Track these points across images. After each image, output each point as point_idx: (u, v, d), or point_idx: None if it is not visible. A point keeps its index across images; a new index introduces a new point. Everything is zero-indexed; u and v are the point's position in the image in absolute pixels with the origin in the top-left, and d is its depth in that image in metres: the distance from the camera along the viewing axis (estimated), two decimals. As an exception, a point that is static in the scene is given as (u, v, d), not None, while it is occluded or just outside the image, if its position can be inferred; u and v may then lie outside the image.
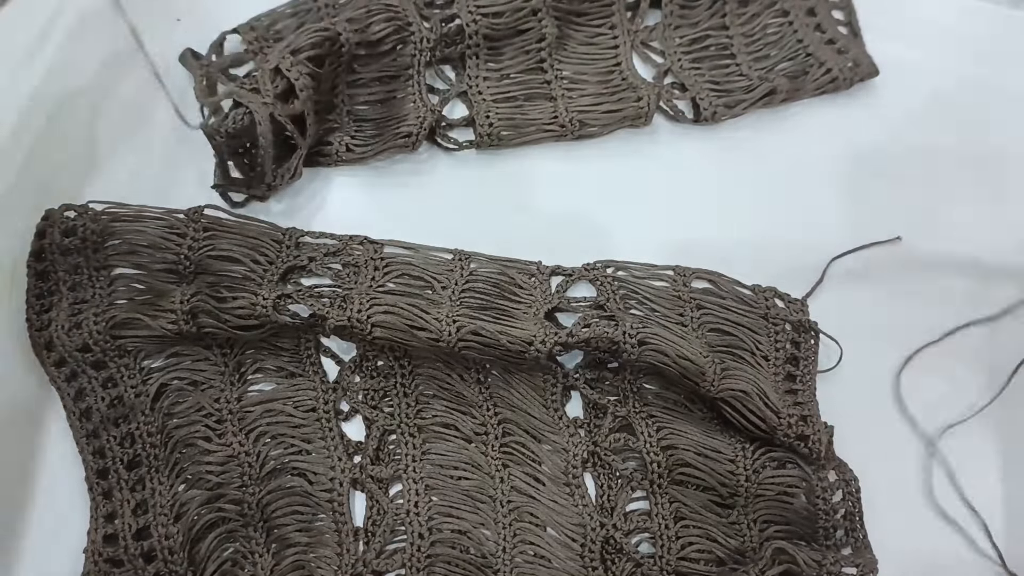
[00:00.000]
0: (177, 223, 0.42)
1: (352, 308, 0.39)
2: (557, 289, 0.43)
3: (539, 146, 0.47)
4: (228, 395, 0.41)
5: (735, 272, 0.44)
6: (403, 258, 0.43)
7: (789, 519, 0.39)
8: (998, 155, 0.49)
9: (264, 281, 0.41)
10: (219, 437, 0.40)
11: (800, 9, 0.50)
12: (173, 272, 0.42)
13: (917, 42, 0.51)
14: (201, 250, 0.41)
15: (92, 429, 0.40)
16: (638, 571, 0.39)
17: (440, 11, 0.47)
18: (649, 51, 0.50)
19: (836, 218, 0.47)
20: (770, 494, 0.40)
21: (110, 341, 0.40)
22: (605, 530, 0.39)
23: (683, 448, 0.40)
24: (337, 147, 0.45)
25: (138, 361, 0.41)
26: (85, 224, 0.41)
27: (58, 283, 0.41)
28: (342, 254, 0.43)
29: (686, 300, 0.42)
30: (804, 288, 0.44)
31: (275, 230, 0.43)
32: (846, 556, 0.38)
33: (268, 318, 0.39)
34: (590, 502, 0.40)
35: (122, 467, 0.40)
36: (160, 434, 0.40)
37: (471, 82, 0.47)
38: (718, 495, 0.40)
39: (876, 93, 0.50)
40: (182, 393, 0.41)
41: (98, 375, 0.40)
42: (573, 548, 0.39)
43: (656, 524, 0.40)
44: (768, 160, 0.48)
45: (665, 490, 0.40)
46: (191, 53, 0.46)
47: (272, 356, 0.42)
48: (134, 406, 0.40)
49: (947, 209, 0.47)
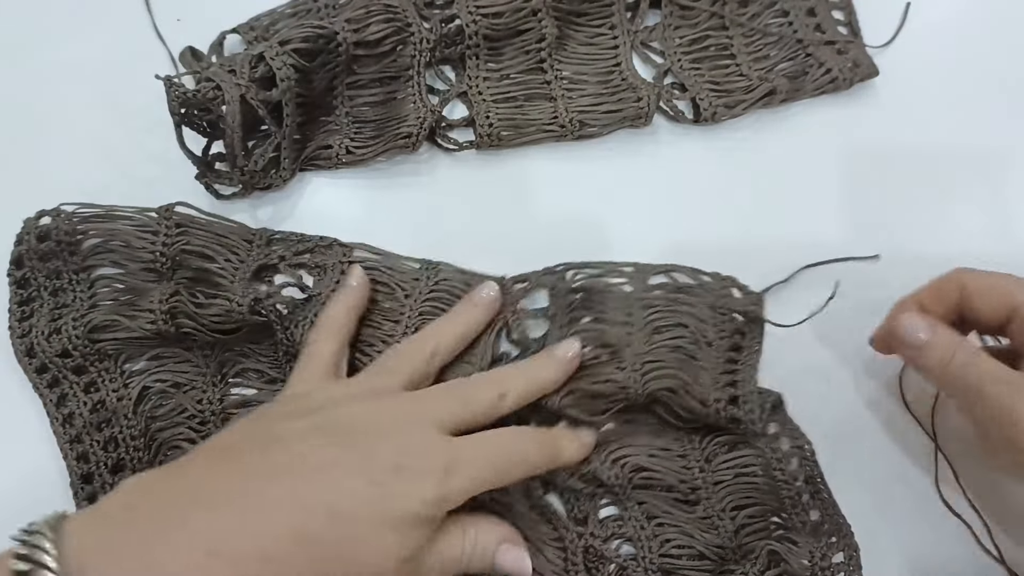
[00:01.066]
0: (149, 221, 0.42)
1: (297, 338, 0.39)
2: (512, 300, 0.42)
3: (539, 146, 0.47)
4: (210, 396, 0.41)
5: (734, 271, 0.44)
6: (371, 262, 0.43)
7: (755, 499, 0.39)
8: (998, 155, 0.49)
9: (236, 280, 0.41)
10: (202, 439, 0.40)
11: (800, 9, 0.50)
12: (151, 270, 0.42)
13: (917, 42, 0.51)
14: (175, 245, 0.41)
15: (75, 434, 0.40)
16: (623, 574, 0.39)
17: (440, 11, 0.47)
18: (649, 51, 0.50)
19: (836, 218, 0.47)
20: (728, 478, 0.40)
21: (89, 345, 0.40)
22: (584, 540, 0.39)
23: (634, 455, 0.40)
24: (337, 149, 0.45)
25: (119, 364, 0.41)
26: (58, 226, 0.41)
27: (39, 289, 0.41)
28: (311, 255, 0.43)
29: (636, 299, 0.41)
30: (804, 288, 0.44)
31: (245, 230, 0.43)
32: (832, 543, 0.38)
33: (245, 321, 0.39)
34: (563, 516, 0.40)
35: (106, 471, 0.39)
36: (143, 437, 0.40)
37: (471, 82, 0.47)
38: (680, 492, 0.40)
39: (876, 93, 0.50)
40: (164, 395, 0.41)
41: (79, 380, 0.40)
42: (556, 564, 0.39)
43: (631, 528, 0.39)
44: (768, 160, 0.48)
45: (630, 496, 0.40)
46: (191, 52, 0.47)
47: (252, 359, 0.42)
48: (116, 410, 0.40)
49: (948, 209, 0.47)
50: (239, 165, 0.42)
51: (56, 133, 0.46)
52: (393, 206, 0.46)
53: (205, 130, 0.43)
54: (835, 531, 0.38)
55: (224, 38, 0.47)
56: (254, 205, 0.45)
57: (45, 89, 0.47)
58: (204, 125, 0.42)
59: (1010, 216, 0.47)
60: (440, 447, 0.33)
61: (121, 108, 0.47)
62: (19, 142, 0.46)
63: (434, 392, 0.37)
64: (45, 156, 0.46)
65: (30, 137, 0.46)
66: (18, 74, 0.48)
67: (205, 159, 0.43)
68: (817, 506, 0.39)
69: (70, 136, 0.46)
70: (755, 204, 0.47)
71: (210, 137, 0.43)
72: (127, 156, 0.46)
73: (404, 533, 0.31)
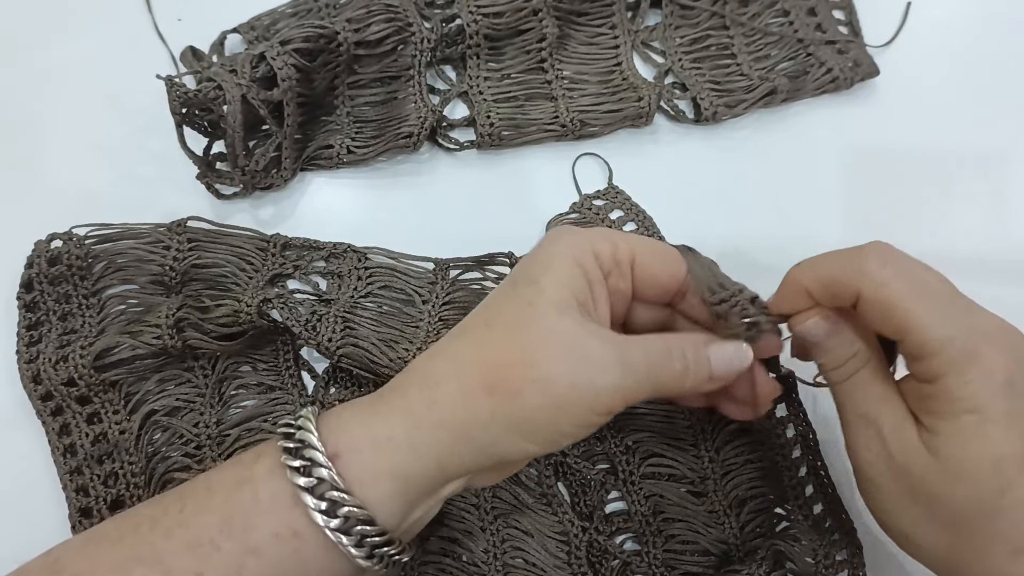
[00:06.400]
0: (161, 236, 0.42)
1: (323, 334, 0.39)
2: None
3: (540, 146, 0.47)
4: (207, 419, 0.40)
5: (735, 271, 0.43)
6: (387, 269, 0.43)
7: (761, 490, 0.40)
8: (998, 155, 0.49)
9: (250, 288, 0.41)
10: (198, 464, 0.40)
11: (801, 9, 0.50)
12: (160, 283, 0.41)
13: (917, 42, 0.51)
14: (186, 260, 0.41)
15: (75, 466, 0.39)
16: (627, 569, 0.39)
17: (440, 11, 0.47)
18: (650, 51, 0.50)
19: (837, 217, 0.47)
20: (737, 464, 0.40)
21: (95, 375, 0.39)
22: (588, 535, 0.39)
23: (647, 439, 0.40)
24: (338, 149, 0.45)
25: (122, 395, 0.40)
26: (69, 251, 0.41)
27: (48, 313, 0.41)
28: (326, 262, 0.42)
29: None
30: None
31: (259, 237, 0.43)
32: (835, 541, 0.38)
33: (253, 324, 0.39)
34: (568, 509, 0.40)
35: (105, 507, 0.39)
36: (144, 474, 0.39)
37: (472, 82, 0.47)
38: (690, 483, 0.40)
39: (876, 93, 0.50)
40: (164, 423, 0.40)
41: (82, 410, 0.40)
42: (560, 556, 0.39)
43: (636, 522, 0.40)
44: (769, 159, 0.48)
45: (639, 486, 0.40)
46: (192, 52, 0.47)
47: (252, 371, 0.42)
48: (118, 443, 0.39)
49: (948, 209, 0.47)
50: (240, 165, 0.42)
51: (56, 133, 0.46)
52: (394, 206, 0.46)
53: (206, 130, 0.43)
54: (838, 527, 0.38)
55: (225, 38, 0.47)
56: (255, 205, 0.45)
57: (45, 89, 0.47)
58: (205, 125, 0.42)
59: (1010, 216, 0.47)
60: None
61: (121, 108, 0.47)
62: (19, 142, 0.46)
63: None
64: (45, 156, 0.46)
65: (30, 137, 0.46)
66: (18, 74, 0.48)
67: (206, 159, 0.43)
68: (820, 500, 0.39)
69: (70, 136, 0.46)
70: (755, 204, 0.47)
71: (211, 137, 0.43)
72: (127, 156, 0.46)
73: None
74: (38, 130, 0.46)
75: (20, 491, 0.40)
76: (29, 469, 0.40)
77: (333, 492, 0.28)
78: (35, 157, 0.46)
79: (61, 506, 0.39)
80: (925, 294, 0.30)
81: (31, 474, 0.40)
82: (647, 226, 0.44)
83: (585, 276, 0.31)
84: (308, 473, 0.29)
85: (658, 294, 0.34)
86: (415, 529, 0.32)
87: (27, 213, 0.43)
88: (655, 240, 0.34)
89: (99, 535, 0.30)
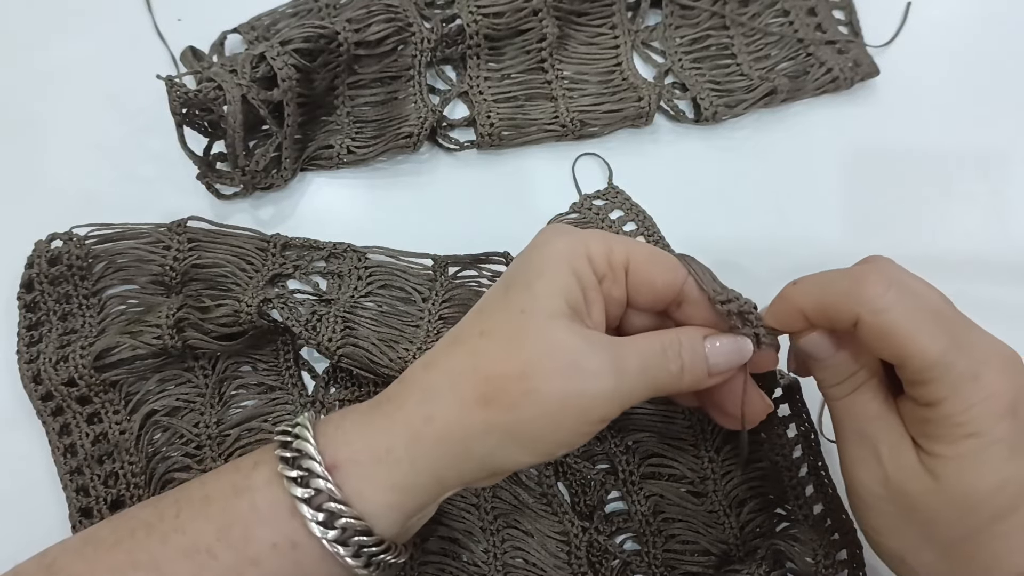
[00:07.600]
0: (161, 236, 0.42)
1: (323, 334, 0.39)
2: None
3: (540, 146, 0.47)
4: (208, 419, 0.40)
5: (735, 271, 0.43)
6: (386, 268, 0.43)
7: (761, 489, 0.39)
8: (998, 155, 0.49)
9: (250, 288, 0.41)
10: (198, 464, 0.40)
11: (801, 9, 0.50)
12: (160, 283, 0.41)
13: (917, 42, 0.51)
14: (186, 260, 0.41)
15: (76, 466, 0.39)
16: (627, 569, 0.39)
17: (441, 11, 0.47)
18: (650, 51, 0.50)
19: (837, 217, 0.47)
20: (737, 463, 0.40)
21: (95, 375, 0.39)
22: (588, 535, 0.39)
23: (647, 439, 0.40)
24: (338, 149, 0.45)
25: (123, 395, 0.40)
26: (69, 251, 0.41)
27: (48, 313, 0.41)
28: (326, 262, 0.42)
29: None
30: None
31: (259, 237, 0.43)
32: (835, 541, 0.37)
33: (253, 324, 0.39)
34: (568, 509, 0.40)
35: (106, 507, 0.39)
36: (144, 474, 0.39)
37: (472, 82, 0.47)
38: (690, 483, 0.40)
39: (876, 93, 0.50)
40: (164, 423, 0.40)
41: (83, 410, 0.40)
42: (560, 556, 0.39)
43: (636, 522, 0.39)
44: (769, 159, 0.48)
45: (639, 486, 0.40)
46: (192, 52, 0.47)
47: (253, 371, 0.42)
48: (118, 443, 0.39)
49: (948, 209, 0.47)
50: (240, 165, 0.42)
51: (56, 133, 0.46)
52: (394, 206, 0.46)
53: (206, 130, 0.43)
54: (838, 527, 0.38)
55: (225, 38, 0.47)
56: (255, 205, 0.45)
57: (45, 89, 0.47)
58: (205, 125, 0.42)
59: (1010, 216, 0.47)
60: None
61: (121, 108, 0.47)
62: (19, 142, 0.46)
63: None
64: (45, 156, 0.46)
65: (30, 137, 0.46)
66: (18, 74, 0.48)
67: (206, 159, 0.43)
68: (821, 499, 0.39)
69: (70, 136, 0.46)
70: (755, 204, 0.47)
71: (211, 137, 0.43)
72: (127, 156, 0.46)
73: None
74: (38, 130, 0.46)
75: (20, 491, 0.39)
76: (29, 469, 0.40)
77: (331, 503, 0.28)
78: (35, 157, 0.46)
79: (61, 506, 0.39)
80: (926, 320, 0.29)
81: (31, 474, 0.40)
82: (647, 226, 0.44)
83: (579, 281, 0.31)
84: (306, 484, 0.28)
85: (653, 301, 0.33)
86: (411, 532, 0.32)
87: (27, 213, 0.43)
88: (651, 246, 0.34)
89: (95, 538, 0.30)
